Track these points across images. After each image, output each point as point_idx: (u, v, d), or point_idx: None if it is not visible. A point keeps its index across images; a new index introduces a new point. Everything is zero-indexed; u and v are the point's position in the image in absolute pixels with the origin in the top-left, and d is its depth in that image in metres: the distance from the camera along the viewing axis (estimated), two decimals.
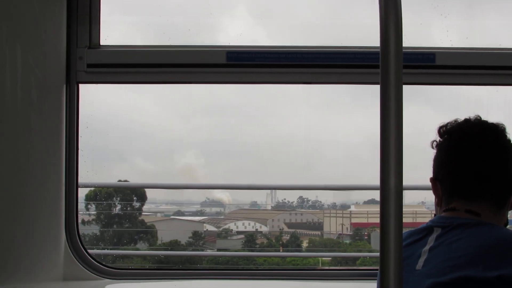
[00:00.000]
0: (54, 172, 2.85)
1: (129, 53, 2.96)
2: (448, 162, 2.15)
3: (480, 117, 2.18)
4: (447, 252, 1.96)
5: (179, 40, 3.10)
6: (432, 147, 2.22)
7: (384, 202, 1.19)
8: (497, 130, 2.16)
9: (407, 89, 2.89)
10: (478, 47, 3.00)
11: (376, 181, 1.22)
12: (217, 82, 3.00)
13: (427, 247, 2.04)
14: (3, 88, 2.60)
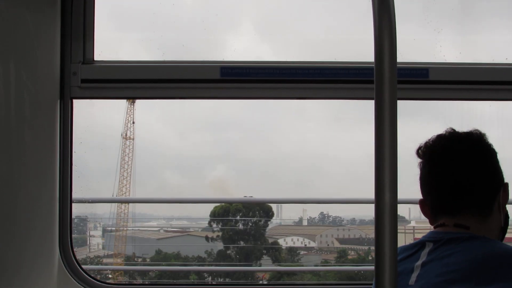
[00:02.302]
0: (48, 187, 2.84)
1: (123, 68, 2.96)
2: (427, 181, 2.15)
3: (453, 129, 2.16)
4: (440, 267, 1.95)
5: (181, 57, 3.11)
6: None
7: (379, 217, 1.19)
8: (470, 138, 2.13)
9: (415, 104, 2.88)
10: (471, 62, 3.01)
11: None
12: (211, 98, 3.00)
13: (419, 262, 2.03)
14: None
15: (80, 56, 2.95)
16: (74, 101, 2.96)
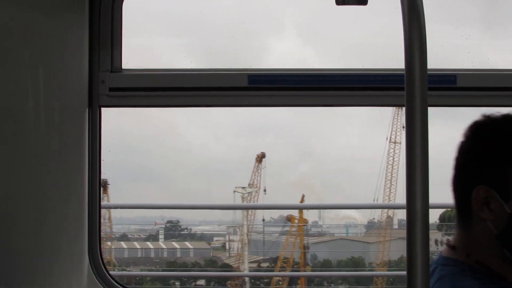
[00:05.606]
0: (77, 194, 2.86)
1: (150, 76, 2.98)
2: None
3: (490, 115, 1.88)
4: None
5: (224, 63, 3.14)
6: None
7: (410, 224, 1.19)
8: (482, 123, 1.86)
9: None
10: (499, 68, 2.99)
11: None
12: (238, 105, 3.00)
13: None
14: (26, 112, 2.62)
15: (108, 65, 2.96)
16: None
